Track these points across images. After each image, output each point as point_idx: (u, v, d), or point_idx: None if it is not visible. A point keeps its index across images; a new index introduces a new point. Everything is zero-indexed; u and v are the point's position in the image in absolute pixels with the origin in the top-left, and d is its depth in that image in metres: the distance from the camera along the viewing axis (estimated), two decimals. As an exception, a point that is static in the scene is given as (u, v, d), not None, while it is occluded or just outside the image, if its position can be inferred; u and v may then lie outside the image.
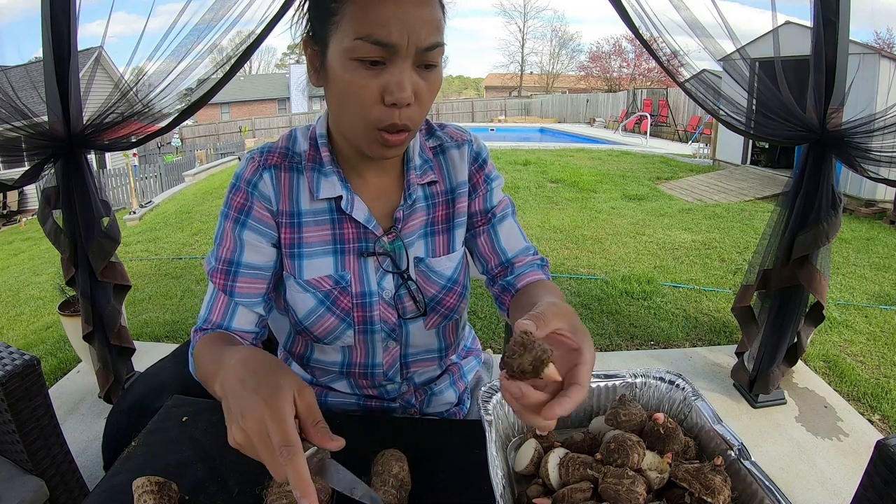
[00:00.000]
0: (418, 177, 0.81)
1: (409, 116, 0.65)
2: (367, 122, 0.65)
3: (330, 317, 0.80)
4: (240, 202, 0.77)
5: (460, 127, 0.88)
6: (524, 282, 0.82)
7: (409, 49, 0.61)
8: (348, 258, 0.80)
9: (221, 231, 0.78)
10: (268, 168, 0.77)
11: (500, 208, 0.87)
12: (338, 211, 0.78)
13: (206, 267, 0.79)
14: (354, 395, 0.92)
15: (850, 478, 1.78)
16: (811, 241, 1.83)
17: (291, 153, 0.79)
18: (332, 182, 0.76)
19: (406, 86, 0.62)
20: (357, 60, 0.62)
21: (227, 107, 26.70)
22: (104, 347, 2.04)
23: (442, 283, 0.84)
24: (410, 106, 0.64)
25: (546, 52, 37.24)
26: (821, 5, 1.67)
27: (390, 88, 0.62)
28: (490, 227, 0.86)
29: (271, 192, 0.77)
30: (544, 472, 0.61)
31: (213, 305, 0.77)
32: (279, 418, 0.46)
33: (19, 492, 1.18)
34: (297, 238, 0.78)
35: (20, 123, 1.66)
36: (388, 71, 0.62)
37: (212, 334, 0.74)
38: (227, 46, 1.89)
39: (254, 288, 0.77)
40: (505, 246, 0.86)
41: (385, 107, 0.63)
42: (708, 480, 0.55)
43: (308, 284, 0.79)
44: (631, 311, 3.19)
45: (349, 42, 0.61)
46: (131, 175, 8.23)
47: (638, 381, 0.74)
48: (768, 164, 7.77)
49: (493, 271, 0.87)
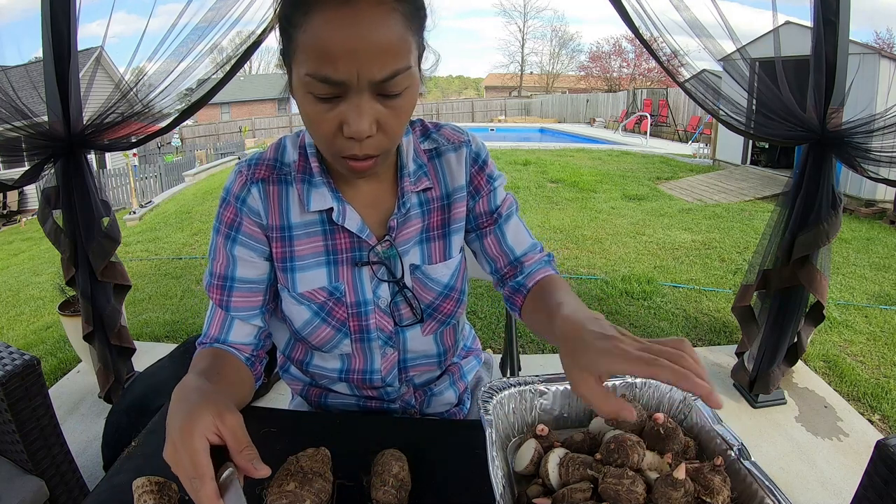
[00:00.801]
0: (413, 184, 0.79)
1: (372, 146, 0.63)
2: (331, 150, 0.64)
3: (326, 327, 0.80)
4: (230, 217, 0.76)
5: (457, 127, 0.86)
6: (535, 280, 0.82)
7: (361, 83, 0.57)
8: (342, 269, 0.79)
9: (214, 246, 0.78)
10: (255, 182, 0.76)
11: (505, 207, 0.86)
12: (329, 222, 0.77)
13: (204, 282, 0.80)
14: (354, 397, 0.92)
15: (850, 478, 1.78)
16: (811, 241, 1.83)
17: (280, 164, 0.77)
18: (322, 193, 0.75)
19: (362, 120, 0.59)
20: (311, 95, 0.59)
21: (227, 107, 26.69)
22: (104, 347, 2.04)
23: (438, 290, 0.83)
24: (372, 137, 0.61)
25: (546, 52, 37.28)
26: (821, 5, 1.67)
27: (347, 121, 0.59)
28: (496, 228, 0.85)
29: (260, 207, 0.76)
30: (544, 472, 0.61)
31: (212, 320, 0.78)
32: (188, 448, 0.49)
33: (19, 492, 1.18)
34: (289, 252, 0.78)
35: (20, 123, 1.67)
36: (345, 103, 0.59)
37: (207, 350, 0.76)
38: (227, 47, 1.89)
39: (249, 301, 0.78)
40: (513, 244, 0.85)
41: (344, 139, 0.61)
42: (707, 480, 0.55)
43: (302, 297, 0.79)
44: (631, 311, 3.19)
45: (301, 76, 0.58)
46: (131, 175, 8.23)
47: (638, 380, 0.74)
48: (768, 164, 7.77)
49: (503, 271, 0.86)
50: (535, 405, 0.73)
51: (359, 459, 0.68)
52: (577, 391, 0.52)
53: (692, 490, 0.54)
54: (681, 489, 0.53)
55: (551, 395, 0.74)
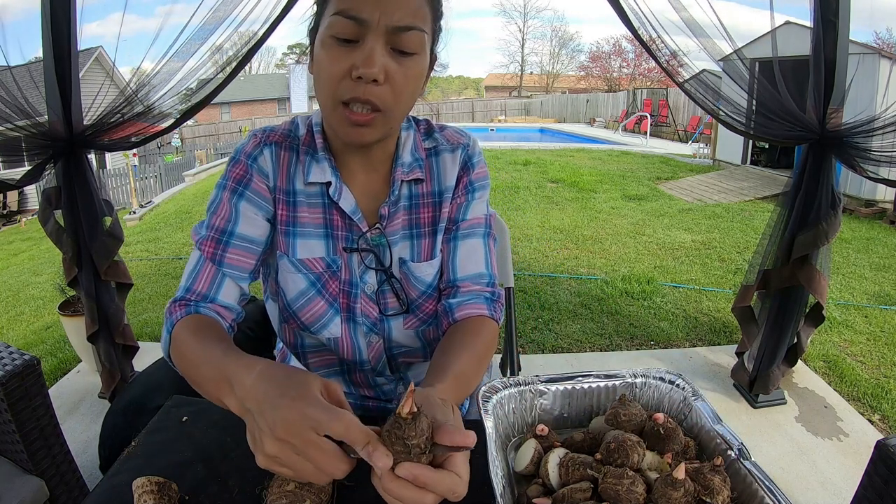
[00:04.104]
0: (404, 173, 0.80)
1: (376, 94, 0.65)
2: (334, 97, 0.66)
3: (319, 300, 0.80)
4: (239, 173, 0.77)
5: (461, 130, 0.87)
6: (462, 314, 0.78)
7: (380, 26, 0.63)
8: (338, 245, 0.80)
9: (218, 200, 0.77)
10: (269, 144, 0.78)
11: (470, 224, 0.83)
12: (328, 197, 0.79)
13: (195, 236, 0.76)
14: (352, 395, 0.92)
15: (850, 478, 1.78)
16: (811, 241, 1.83)
17: (293, 136, 0.80)
18: (322, 168, 0.77)
19: (374, 61, 0.63)
20: (333, 38, 0.65)
21: (227, 107, 26.70)
22: (109, 347, 2.04)
23: (422, 290, 0.83)
24: (379, 84, 0.65)
25: (546, 52, 37.23)
26: (821, 5, 1.67)
27: (358, 63, 0.64)
28: (452, 238, 0.83)
29: (270, 168, 0.78)
30: (544, 472, 0.61)
31: (198, 274, 0.73)
32: (319, 407, 0.45)
33: (19, 492, 1.18)
34: (293, 216, 0.79)
35: (22, 123, 1.66)
36: (360, 48, 0.64)
37: (195, 321, 0.69)
38: (229, 48, 1.89)
39: (243, 261, 0.76)
40: (458, 265, 0.82)
41: (352, 81, 0.64)
42: (707, 480, 0.55)
43: (301, 264, 0.79)
44: (631, 311, 3.19)
45: (328, 19, 0.65)
46: (131, 175, 8.22)
47: (638, 381, 0.74)
48: (768, 164, 7.77)
49: (441, 285, 0.84)
50: (535, 405, 0.73)
51: (358, 459, 0.68)
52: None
53: (692, 490, 0.54)
54: (681, 489, 0.53)
55: (551, 395, 0.74)
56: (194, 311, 0.71)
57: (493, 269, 0.84)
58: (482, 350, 0.73)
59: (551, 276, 3.81)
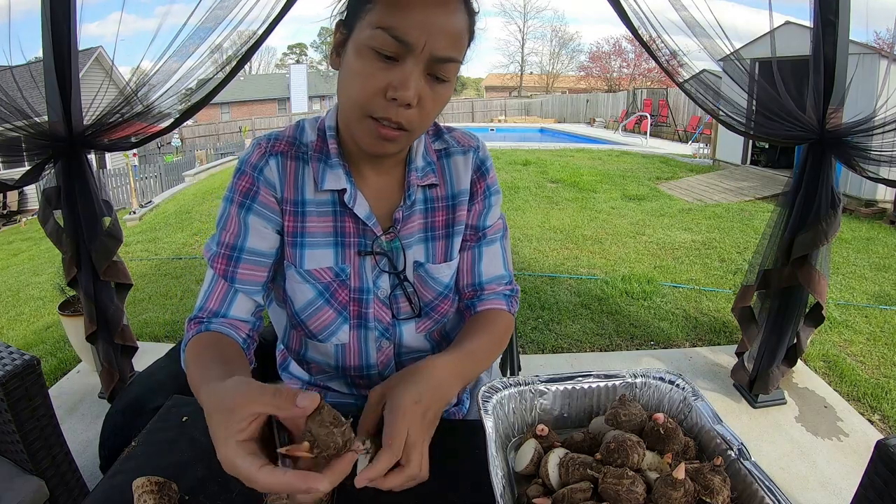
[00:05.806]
0: (419, 178, 0.81)
1: (406, 117, 0.65)
2: (364, 111, 0.65)
3: (328, 309, 0.80)
4: (245, 186, 0.76)
5: (469, 132, 0.88)
6: (482, 308, 0.85)
7: (424, 53, 0.62)
8: (348, 252, 0.79)
9: (226, 215, 0.76)
10: (274, 154, 0.77)
11: (493, 231, 0.88)
12: (340, 204, 0.78)
13: (206, 253, 0.77)
14: (353, 396, 0.92)
15: (850, 478, 1.78)
16: (811, 240, 1.83)
17: (298, 143, 0.79)
18: (337, 174, 0.76)
19: (411, 85, 0.62)
20: (372, 50, 0.63)
21: (227, 107, 26.70)
22: (109, 347, 2.04)
23: (439, 290, 0.84)
24: (411, 108, 0.64)
25: (546, 52, 37.19)
26: (820, 5, 1.67)
27: (395, 84, 0.63)
28: (476, 247, 0.87)
29: (276, 179, 0.77)
30: (544, 472, 0.61)
31: (211, 292, 0.75)
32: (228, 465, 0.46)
33: (19, 492, 1.18)
34: (301, 227, 0.78)
35: (21, 123, 1.66)
36: (399, 68, 0.63)
37: (204, 339, 0.71)
38: (228, 47, 1.88)
39: (255, 275, 0.76)
40: (483, 269, 0.87)
41: (385, 101, 0.64)
42: (707, 480, 0.55)
43: (308, 275, 0.79)
44: (631, 311, 3.19)
45: (371, 30, 0.62)
46: (131, 175, 8.21)
47: (638, 381, 0.74)
48: (768, 164, 7.77)
49: (465, 290, 0.88)
50: (535, 405, 0.73)
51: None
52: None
53: (692, 490, 0.54)
54: (681, 489, 0.53)
55: (551, 395, 0.74)
56: (205, 328, 0.73)
57: (509, 267, 0.90)
58: (496, 335, 0.80)
59: (551, 276, 3.81)
